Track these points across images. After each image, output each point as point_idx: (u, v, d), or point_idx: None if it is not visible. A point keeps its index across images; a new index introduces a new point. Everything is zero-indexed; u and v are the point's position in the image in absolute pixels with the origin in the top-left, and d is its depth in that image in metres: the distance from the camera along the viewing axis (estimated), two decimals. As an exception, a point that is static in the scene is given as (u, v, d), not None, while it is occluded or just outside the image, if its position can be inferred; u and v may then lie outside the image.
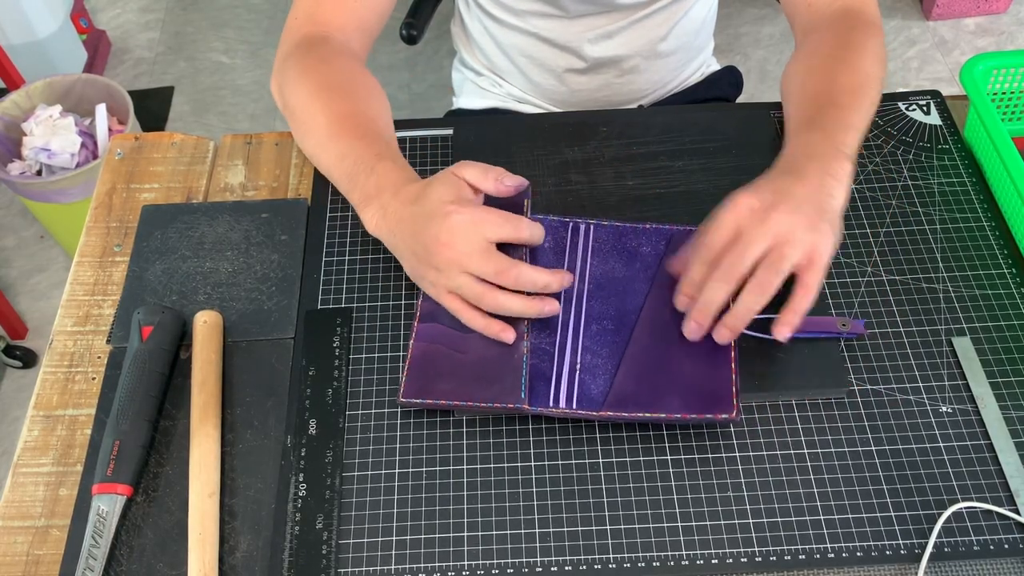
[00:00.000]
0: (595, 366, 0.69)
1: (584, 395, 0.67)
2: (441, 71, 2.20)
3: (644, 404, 0.66)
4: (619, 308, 0.72)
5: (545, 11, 0.97)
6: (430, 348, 0.70)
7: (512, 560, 0.62)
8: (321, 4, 0.85)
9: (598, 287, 0.73)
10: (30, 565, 0.63)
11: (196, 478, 0.64)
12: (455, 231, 0.66)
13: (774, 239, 0.64)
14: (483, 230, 0.67)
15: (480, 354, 0.69)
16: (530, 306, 0.68)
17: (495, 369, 0.68)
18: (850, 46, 0.80)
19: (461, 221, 0.66)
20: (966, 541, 0.62)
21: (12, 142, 1.71)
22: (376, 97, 0.81)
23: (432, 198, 0.68)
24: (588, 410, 0.67)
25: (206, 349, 0.70)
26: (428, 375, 0.68)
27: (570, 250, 0.75)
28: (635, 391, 0.67)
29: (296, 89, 0.80)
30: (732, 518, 0.64)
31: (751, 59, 2.21)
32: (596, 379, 0.68)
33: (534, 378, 0.68)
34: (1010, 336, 0.72)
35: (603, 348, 0.70)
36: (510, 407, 0.66)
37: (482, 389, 0.67)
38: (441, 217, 0.67)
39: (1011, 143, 0.75)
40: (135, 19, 2.35)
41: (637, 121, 0.87)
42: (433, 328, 0.71)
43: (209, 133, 2.06)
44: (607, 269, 0.74)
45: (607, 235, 0.76)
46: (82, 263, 0.79)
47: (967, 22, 2.25)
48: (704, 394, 0.67)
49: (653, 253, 0.75)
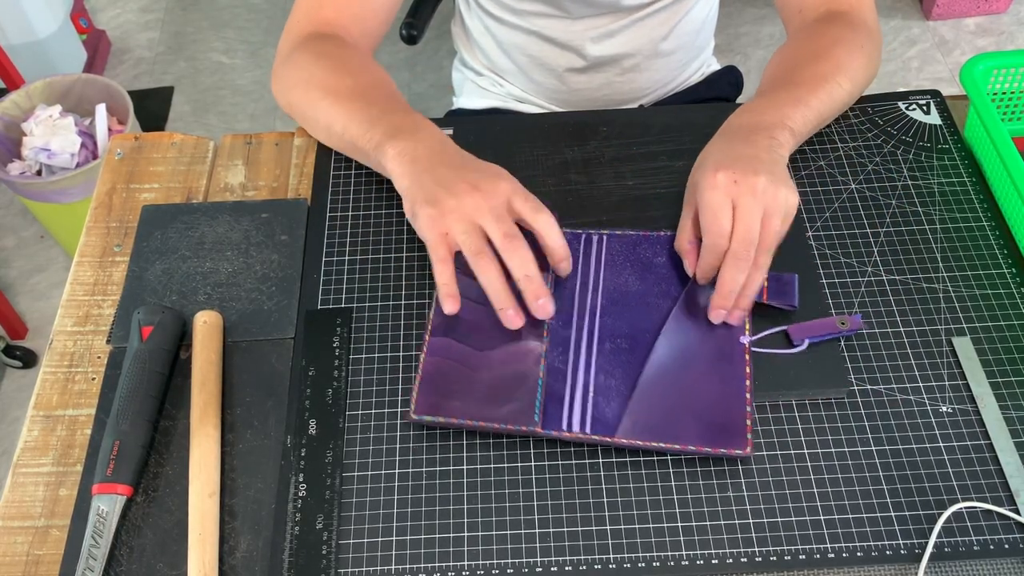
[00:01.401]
0: (609, 387, 0.68)
1: (598, 418, 0.66)
2: (441, 71, 2.20)
3: (658, 433, 0.65)
4: (632, 325, 0.71)
5: (547, 12, 0.97)
6: (443, 363, 0.69)
7: (512, 560, 0.62)
8: (322, 6, 0.85)
9: (612, 302, 0.72)
10: (30, 565, 0.63)
11: (196, 478, 0.64)
12: (494, 183, 0.68)
13: (764, 206, 0.67)
14: (516, 201, 0.68)
15: (494, 372, 0.68)
16: (506, 300, 0.67)
17: (509, 389, 0.67)
18: (826, 36, 0.82)
19: (504, 184, 0.69)
20: (966, 541, 0.62)
21: (12, 142, 1.71)
22: (386, 79, 0.82)
23: (488, 165, 0.70)
24: (602, 435, 0.66)
25: (206, 349, 0.70)
26: (440, 391, 0.67)
27: (583, 262, 0.75)
28: (649, 418, 0.66)
29: (304, 67, 0.80)
30: (732, 518, 0.64)
31: (751, 59, 2.21)
32: (610, 402, 0.67)
33: (547, 398, 0.67)
34: (1010, 336, 0.72)
35: (617, 368, 0.69)
36: (523, 430, 0.66)
37: (495, 409, 0.66)
38: (488, 171, 0.69)
39: (1011, 143, 0.75)
40: (135, 19, 2.35)
41: (637, 121, 0.87)
42: (445, 343, 0.70)
43: (209, 133, 2.06)
44: (620, 283, 0.74)
45: (621, 246, 0.76)
46: (82, 263, 0.79)
47: (967, 22, 2.25)
48: (718, 427, 0.66)
49: (667, 263, 0.74)
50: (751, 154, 0.69)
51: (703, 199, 0.68)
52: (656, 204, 0.80)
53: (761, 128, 0.72)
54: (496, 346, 0.69)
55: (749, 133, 0.72)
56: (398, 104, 0.77)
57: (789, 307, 0.72)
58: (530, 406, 0.66)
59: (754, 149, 0.70)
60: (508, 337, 0.70)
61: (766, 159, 0.69)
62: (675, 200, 0.80)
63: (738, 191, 0.66)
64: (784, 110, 0.74)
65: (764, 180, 0.67)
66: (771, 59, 0.85)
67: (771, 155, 0.70)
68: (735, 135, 0.73)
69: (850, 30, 0.82)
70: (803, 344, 0.70)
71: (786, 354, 0.70)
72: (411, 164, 0.71)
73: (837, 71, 0.78)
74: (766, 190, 0.67)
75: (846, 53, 0.79)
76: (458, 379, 0.68)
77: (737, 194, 0.66)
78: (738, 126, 0.74)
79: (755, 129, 0.72)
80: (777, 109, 0.74)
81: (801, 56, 0.80)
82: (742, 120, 0.75)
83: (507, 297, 0.67)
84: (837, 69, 0.78)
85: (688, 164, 0.83)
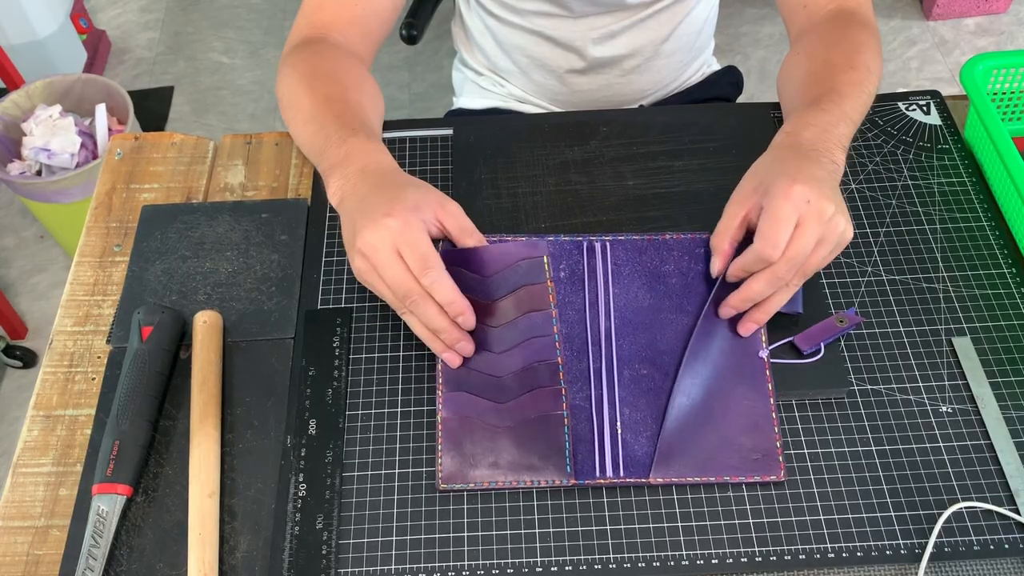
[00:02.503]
0: (636, 422, 0.67)
1: (630, 458, 0.65)
2: (441, 71, 2.20)
3: (692, 468, 0.65)
4: (650, 347, 0.69)
5: (549, 11, 0.97)
6: (462, 422, 0.66)
7: (512, 560, 0.62)
8: (322, 8, 0.85)
9: (624, 322, 0.70)
10: (30, 565, 0.63)
11: (196, 478, 0.64)
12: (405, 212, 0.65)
13: (824, 233, 0.65)
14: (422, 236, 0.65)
15: (516, 421, 0.66)
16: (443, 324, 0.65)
17: (535, 439, 0.65)
18: (848, 40, 0.81)
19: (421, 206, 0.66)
20: (966, 541, 0.62)
21: (12, 142, 1.71)
22: (364, 87, 0.81)
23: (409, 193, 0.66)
24: (637, 477, 0.65)
25: (206, 349, 0.70)
26: (465, 454, 0.65)
27: (588, 276, 0.72)
28: (682, 453, 0.65)
29: (287, 78, 0.81)
30: (732, 518, 0.64)
31: (751, 59, 2.21)
32: (639, 437, 0.66)
33: (576, 443, 0.66)
34: (1010, 336, 0.72)
35: (640, 400, 0.68)
36: (557, 483, 0.64)
37: (525, 468, 0.65)
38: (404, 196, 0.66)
39: (1011, 143, 0.75)
40: (135, 19, 2.35)
41: (637, 121, 0.87)
42: (461, 398, 0.67)
43: (209, 133, 2.06)
44: (631, 298, 0.71)
45: (626, 253, 0.73)
46: (82, 263, 0.79)
47: (967, 22, 2.25)
48: (751, 455, 0.65)
49: (675, 271, 0.72)
50: (822, 176, 0.67)
51: (773, 205, 0.65)
52: (656, 204, 0.80)
53: (824, 149, 0.71)
54: (513, 392, 0.67)
55: (815, 152, 0.70)
56: (342, 126, 0.74)
57: (795, 313, 0.71)
58: (560, 457, 0.65)
59: (824, 171, 0.68)
60: (524, 380, 0.67)
61: (833, 186, 0.68)
62: (675, 200, 0.80)
63: (807, 211, 0.65)
64: (840, 128, 0.73)
65: (833, 208, 0.65)
66: (793, 59, 0.83)
67: (834, 180, 0.69)
68: (802, 151, 0.71)
69: (866, 32, 0.81)
70: (819, 350, 0.70)
71: (803, 364, 0.70)
72: (339, 205, 0.70)
73: (868, 79, 0.77)
74: (832, 218, 0.65)
75: (872, 59, 0.79)
76: (481, 437, 0.66)
77: (805, 213, 0.65)
78: (803, 141, 0.72)
79: (820, 149, 0.71)
80: (835, 127, 0.73)
81: (836, 63, 0.78)
82: (805, 137, 0.72)
83: (439, 344, 0.67)
84: (868, 77, 0.77)
85: (688, 164, 0.83)
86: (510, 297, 0.69)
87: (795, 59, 0.83)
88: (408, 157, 0.84)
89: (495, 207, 0.80)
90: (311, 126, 0.76)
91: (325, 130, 0.74)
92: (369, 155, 0.71)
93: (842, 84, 0.76)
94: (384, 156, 0.72)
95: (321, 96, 0.77)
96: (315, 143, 0.75)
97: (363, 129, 0.74)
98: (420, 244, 0.64)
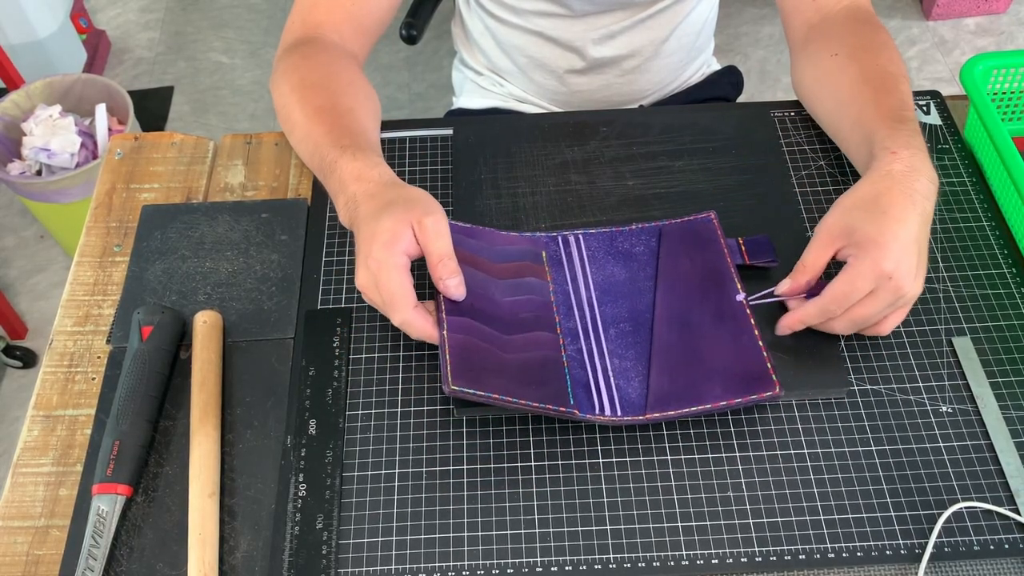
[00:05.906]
0: (626, 369, 0.69)
1: (625, 400, 0.67)
2: (441, 71, 2.20)
3: (686, 399, 0.66)
4: (631, 309, 0.72)
5: (549, 10, 0.97)
6: (468, 341, 0.67)
7: (512, 560, 0.62)
8: (316, 6, 0.85)
9: (604, 292, 0.73)
10: (30, 565, 0.63)
11: (196, 478, 0.64)
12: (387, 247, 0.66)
13: (894, 306, 0.66)
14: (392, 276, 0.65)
15: (520, 355, 0.67)
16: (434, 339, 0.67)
17: (539, 373, 0.67)
18: (886, 46, 0.80)
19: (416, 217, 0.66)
20: (966, 541, 0.62)
21: (12, 142, 1.71)
22: (355, 90, 0.81)
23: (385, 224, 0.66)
24: (633, 415, 0.66)
25: (206, 349, 0.70)
26: (474, 367, 0.65)
27: (567, 262, 0.75)
28: (672, 387, 0.67)
29: (279, 88, 0.81)
30: (732, 518, 0.64)
31: (751, 59, 2.21)
32: (631, 382, 0.68)
33: (575, 385, 0.67)
34: (1010, 336, 0.72)
35: (628, 351, 0.70)
36: (562, 411, 0.65)
37: (532, 390, 0.65)
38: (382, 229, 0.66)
39: (1011, 143, 0.75)
40: (135, 19, 2.35)
41: (637, 121, 0.87)
42: (466, 322, 0.68)
43: (209, 133, 2.06)
44: (607, 275, 0.74)
45: (598, 242, 0.76)
46: (82, 263, 0.79)
47: (967, 22, 2.25)
48: (741, 376, 0.67)
49: (647, 251, 0.76)
50: (914, 232, 0.65)
51: (854, 273, 0.65)
52: (656, 204, 0.80)
53: (918, 184, 0.67)
54: (514, 332, 0.69)
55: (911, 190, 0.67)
56: (333, 144, 0.74)
57: (770, 263, 0.74)
58: (563, 390, 0.66)
59: (916, 219, 0.66)
60: (523, 324, 0.70)
61: (922, 240, 0.66)
62: (675, 200, 0.80)
63: (886, 285, 0.64)
64: (921, 141, 0.71)
65: (914, 289, 0.65)
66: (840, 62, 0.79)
67: (925, 228, 0.67)
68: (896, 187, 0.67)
69: (884, 34, 0.81)
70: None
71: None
72: (350, 225, 0.71)
73: (910, 93, 0.77)
74: (905, 295, 0.65)
75: (901, 63, 0.79)
76: (488, 357, 0.66)
77: (882, 287, 0.64)
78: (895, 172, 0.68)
79: (914, 185, 0.67)
80: (922, 148, 0.70)
81: (892, 72, 0.77)
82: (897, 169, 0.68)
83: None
84: (909, 89, 0.77)
85: (688, 164, 0.83)
86: (511, 264, 0.73)
87: (838, 62, 0.80)
88: (408, 157, 0.84)
89: (495, 207, 0.80)
90: (306, 145, 0.77)
91: (320, 151, 0.74)
92: (359, 177, 0.70)
93: (905, 95, 0.75)
94: (373, 171, 0.71)
95: (311, 109, 0.77)
96: (312, 164, 0.77)
97: (352, 144, 0.73)
98: (390, 284, 0.65)
